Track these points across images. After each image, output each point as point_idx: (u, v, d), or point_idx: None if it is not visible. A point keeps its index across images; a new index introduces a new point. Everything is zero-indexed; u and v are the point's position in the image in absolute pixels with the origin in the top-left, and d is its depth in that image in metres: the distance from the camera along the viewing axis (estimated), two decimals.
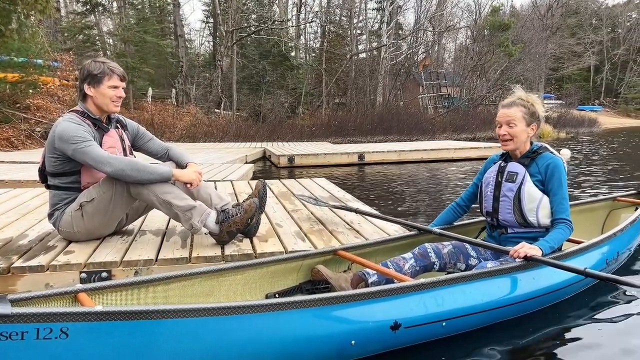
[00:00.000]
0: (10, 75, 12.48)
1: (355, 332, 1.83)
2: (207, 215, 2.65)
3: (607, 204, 3.50)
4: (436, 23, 29.82)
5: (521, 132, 2.46)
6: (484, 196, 2.63)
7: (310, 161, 10.04)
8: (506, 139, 2.48)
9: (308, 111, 23.66)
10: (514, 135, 2.46)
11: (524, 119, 2.46)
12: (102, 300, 1.87)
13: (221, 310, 1.61)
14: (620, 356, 2.01)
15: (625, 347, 2.08)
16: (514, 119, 2.45)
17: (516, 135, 2.46)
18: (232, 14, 21.43)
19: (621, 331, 2.23)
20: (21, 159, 8.37)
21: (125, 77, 2.73)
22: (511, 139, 2.47)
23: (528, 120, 2.46)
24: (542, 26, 36.14)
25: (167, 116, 17.77)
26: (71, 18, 22.70)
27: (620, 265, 2.88)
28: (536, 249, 2.24)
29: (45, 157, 2.71)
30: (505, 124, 2.47)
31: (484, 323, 2.17)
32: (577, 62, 46.26)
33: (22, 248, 2.64)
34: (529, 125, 2.47)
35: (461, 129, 20.84)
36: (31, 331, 1.39)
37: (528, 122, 2.47)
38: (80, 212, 2.64)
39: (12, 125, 11.96)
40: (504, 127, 2.48)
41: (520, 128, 2.46)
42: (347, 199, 4.30)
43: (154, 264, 2.48)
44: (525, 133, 2.47)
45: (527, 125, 2.47)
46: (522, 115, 2.45)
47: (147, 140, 3.03)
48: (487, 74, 26.65)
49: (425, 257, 2.50)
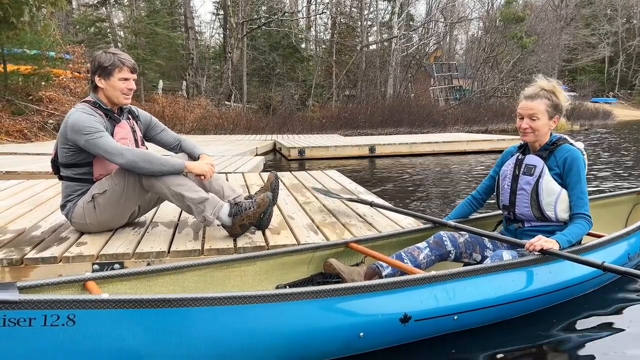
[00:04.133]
0: (23, 68, 12.58)
1: (363, 324, 1.81)
2: (220, 208, 2.64)
3: (630, 198, 3.42)
4: (448, 14, 29.49)
5: (543, 126, 2.38)
6: (501, 189, 2.57)
7: (320, 153, 10.01)
8: (528, 132, 2.40)
9: (318, 103, 23.60)
10: (535, 129, 2.38)
11: (547, 112, 2.37)
12: (110, 289, 1.88)
13: (230, 299, 1.60)
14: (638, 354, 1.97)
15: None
16: (536, 113, 2.36)
17: (538, 129, 2.38)
18: (242, 6, 21.37)
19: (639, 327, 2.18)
20: (34, 150, 8.43)
21: (136, 69, 2.72)
22: (532, 132, 2.40)
23: (551, 114, 2.39)
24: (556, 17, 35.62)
25: (178, 108, 17.83)
26: (83, 10, 22.80)
27: None
28: (553, 242, 2.19)
29: (58, 148, 2.71)
30: (527, 117, 2.39)
31: (498, 318, 2.12)
32: (592, 54, 45.54)
33: (35, 239, 2.65)
34: (552, 118, 2.40)
35: (473, 122, 20.65)
36: (39, 318, 1.40)
37: (551, 115, 2.39)
38: (93, 203, 2.63)
39: (25, 117, 12.06)
40: (526, 120, 2.39)
41: (543, 122, 2.37)
42: (359, 191, 4.27)
43: (167, 255, 2.47)
44: (547, 126, 2.40)
45: (550, 118, 2.39)
46: (546, 109, 2.37)
47: (160, 131, 3.02)
48: (500, 66, 26.34)
49: (441, 245, 2.46)
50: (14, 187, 4.35)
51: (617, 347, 2.01)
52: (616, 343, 2.04)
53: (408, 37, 26.81)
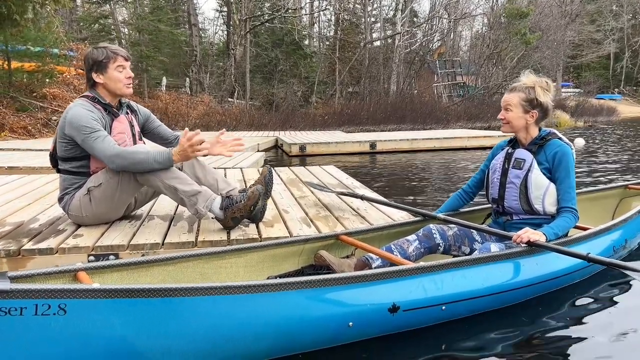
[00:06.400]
0: (27, 65, 12.66)
1: (352, 314, 1.84)
2: (212, 201, 2.68)
3: (618, 192, 3.46)
4: (452, 10, 29.38)
5: (517, 118, 2.48)
6: (491, 183, 2.61)
7: (321, 150, 10.03)
8: (503, 122, 2.53)
9: (321, 100, 23.58)
10: (509, 120, 2.50)
11: (521, 106, 2.46)
12: (101, 279, 1.91)
13: (220, 289, 1.62)
14: (621, 344, 2.00)
15: (626, 334, 2.06)
16: (510, 104, 2.49)
17: (510, 120, 2.49)
18: (246, 2, 21.36)
19: (623, 318, 2.21)
20: (37, 146, 8.50)
21: (129, 58, 2.75)
22: (507, 123, 2.51)
23: (525, 107, 2.46)
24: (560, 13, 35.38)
25: (181, 105, 17.86)
26: (86, 7, 22.87)
27: (630, 253, 2.85)
28: (540, 235, 2.23)
29: (57, 142, 2.76)
30: (503, 108, 2.52)
31: (485, 308, 2.16)
32: (597, 50, 45.22)
33: (33, 231, 2.70)
34: (527, 112, 2.47)
35: (476, 118, 20.57)
36: (30, 307, 1.42)
37: (525, 109, 2.46)
38: (89, 197, 2.68)
39: (29, 114, 12.15)
40: (502, 111, 2.52)
41: (516, 114, 2.47)
42: (355, 186, 4.30)
43: (161, 247, 2.52)
44: (522, 119, 2.48)
45: (525, 112, 2.47)
46: (519, 102, 2.46)
47: (157, 126, 3.07)
48: (504, 62, 26.24)
49: (430, 238, 2.50)
50: (15, 182, 4.41)
51: (600, 335, 2.05)
52: (599, 332, 2.08)
53: (411, 33, 26.73)
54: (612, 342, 2.00)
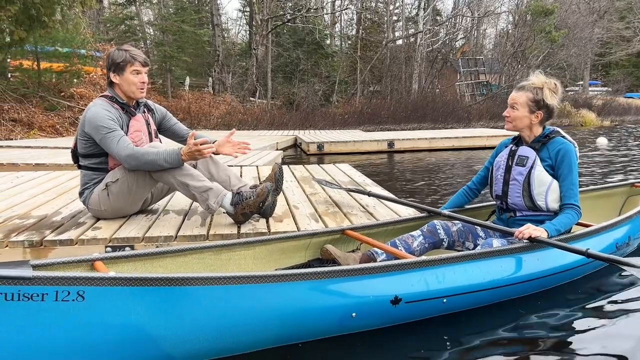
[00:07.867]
0: (56, 65, 13.07)
1: (356, 305, 1.90)
2: (223, 197, 2.78)
3: (624, 190, 3.44)
4: (475, 8, 29.04)
5: (521, 117, 2.50)
6: (494, 179, 2.65)
7: (339, 148, 10.09)
8: (507, 120, 2.56)
9: (342, 99, 23.60)
10: (513, 118, 2.52)
11: (527, 105, 2.49)
12: (117, 268, 2.01)
13: (229, 279, 1.69)
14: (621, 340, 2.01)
15: (625, 330, 2.08)
16: (517, 103, 2.51)
17: (515, 118, 2.52)
18: (268, 2, 21.54)
19: (623, 314, 2.22)
20: (64, 144, 8.77)
21: (148, 64, 2.88)
22: (511, 121, 2.54)
23: (532, 107, 2.49)
24: (588, 10, 34.59)
25: (204, 104, 18.13)
26: (113, 9, 23.39)
27: (634, 250, 2.84)
28: (541, 231, 2.26)
29: (77, 139, 2.90)
30: (510, 106, 2.54)
31: (486, 302, 2.20)
32: (626, 47, 43.99)
33: (55, 224, 2.85)
34: (533, 112, 2.49)
35: (498, 117, 20.26)
36: (50, 293, 1.50)
37: (531, 109, 2.49)
38: (107, 191, 2.82)
39: (57, 113, 12.54)
40: (508, 109, 2.55)
41: (522, 113, 2.50)
42: (367, 184, 4.36)
43: (174, 240, 2.64)
44: (527, 119, 2.50)
45: (530, 112, 2.49)
46: (526, 101, 2.49)
47: (173, 124, 3.20)
48: (528, 61, 25.84)
49: (434, 233, 2.55)
50: (41, 178, 4.61)
51: (600, 330, 2.07)
52: (599, 327, 2.10)
53: (434, 32, 26.54)
54: (612, 338, 2.01)
